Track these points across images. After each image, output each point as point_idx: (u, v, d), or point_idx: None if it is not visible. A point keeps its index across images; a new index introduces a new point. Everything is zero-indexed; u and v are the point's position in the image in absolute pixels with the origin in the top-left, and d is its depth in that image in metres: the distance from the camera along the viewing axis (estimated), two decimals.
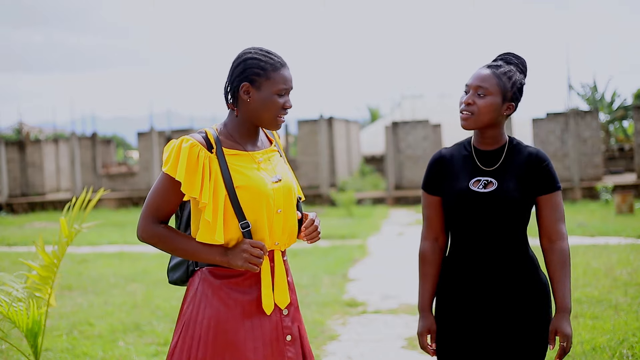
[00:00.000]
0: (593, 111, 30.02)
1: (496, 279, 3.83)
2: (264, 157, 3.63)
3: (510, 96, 3.84)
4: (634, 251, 13.58)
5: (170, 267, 3.79)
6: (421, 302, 4.04)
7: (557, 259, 3.83)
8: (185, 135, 3.75)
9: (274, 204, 3.53)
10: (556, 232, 3.85)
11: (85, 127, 38.82)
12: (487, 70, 3.86)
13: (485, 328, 3.85)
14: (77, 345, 8.23)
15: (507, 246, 3.84)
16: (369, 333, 8.63)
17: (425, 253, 4.05)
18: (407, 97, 49.29)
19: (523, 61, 3.96)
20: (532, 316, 3.84)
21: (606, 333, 7.60)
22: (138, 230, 3.58)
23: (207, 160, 3.46)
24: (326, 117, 33.07)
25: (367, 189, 33.31)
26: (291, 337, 3.57)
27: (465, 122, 3.86)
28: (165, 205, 3.53)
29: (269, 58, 3.55)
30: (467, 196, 3.85)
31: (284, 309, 3.57)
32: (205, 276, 3.53)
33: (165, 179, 3.50)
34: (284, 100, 3.56)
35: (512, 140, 3.93)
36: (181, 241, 3.51)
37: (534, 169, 3.84)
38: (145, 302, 10.67)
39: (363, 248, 16.65)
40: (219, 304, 3.47)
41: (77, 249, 17.87)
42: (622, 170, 33.92)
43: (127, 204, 32.86)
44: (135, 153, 51.25)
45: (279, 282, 3.58)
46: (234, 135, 3.60)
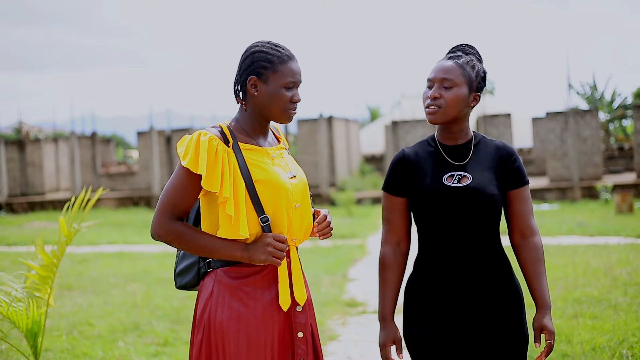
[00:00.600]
0: (593, 110, 30.03)
1: (470, 278, 3.66)
2: (276, 154, 3.61)
3: (475, 86, 3.72)
4: (634, 251, 13.57)
5: (178, 271, 3.70)
6: (382, 311, 3.85)
7: (532, 255, 3.71)
8: (186, 134, 3.76)
9: (293, 198, 3.51)
10: (528, 227, 3.73)
11: (85, 126, 38.84)
12: (449, 61, 3.72)
13: (460, 332, 3.67)
14: (77, 345, 8.23)
15: (482, 244, 3.68)
16: (369, 333, 8.62)
17: (386, 258, 3.84)
18: (407, 97, 49.23)
19: (477, 51, 3.83)
20: (508, 318, 3.69)
21: (606, 333, 7.60)
22: (153, 228, 3.46)
23: (225, 154, 3.41)
24: (326, 116, 33.07)
25: (367, 188, 33.29)
26: (303, 334, 3.53)
27: (433, 116, 3.70)
28: (183, 201, 3.44)
29: (276, 51, 3.52)
30: (442, 192, 3.66)
31: (299, 305, 3.54)
32: (220, 277, 3.47)
33: (183, 173, 3.41)
34: (291, 94, 3.52)
35: (476, 134, 3.82)
36: (201, 238, 3.42)
37: (503, 162, 3.72)
38: (145, 302, 10.67)
39: (363, 248, 16.65)
40: (239, 304, 3.43)
41: (77, 248, 17.87)
42: (621, 170, 33.92)
43: (126, 203, 32.85)
44: (135, 152, 51.26)
45: (297, 278, 3.54)
46: (247, 130, 3.57)
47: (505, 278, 3.71)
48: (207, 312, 3.46)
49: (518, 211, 3.73)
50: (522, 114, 37.94)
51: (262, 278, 3.48)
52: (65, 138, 38.52)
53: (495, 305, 3.67)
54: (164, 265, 14.45)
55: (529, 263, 3.71)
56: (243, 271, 3.46)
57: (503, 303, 3.69)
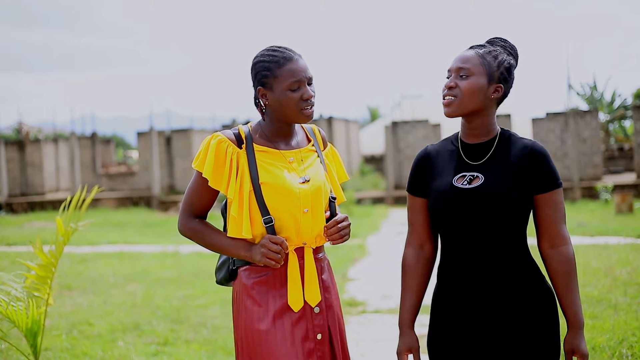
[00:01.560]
0: (593, 111, 30.04)
1: (492, 289, 3.40)
2: (295, 157, 3.62)
3: (497, 77, 3.45)
4: (634, 251, 13.57)
5: (217, 266, 3.83)
6: (401, 318, 3.68)
7: (563, 267, 3.40)
8: (186, 134, 3.79)
9: (301, 203, 3.52)
10: (559, 236, 3.41)
11: (84, 126, 38.87)
12: (469, 51, 3.50)
13: (485, 347, 3.42)
14: (77, 345, 8.22)
15: (502, 252, 3.39)
16: (369, 333, 8.62)
17: (407, 262, 3.67)
18: (407, 97, 49.24)
19: (512, 45, 3.57)
20: (538, 332, 3.41)
21: (606, 333, 7.59)
22: (178, 225, 3.66)
23: (235, 155, 3.51)
24: (326, 117, 33.10)
25: (367, 188, 33.31)
26: (322, 335, 3.55)
27: (449, 107, 3.46)
28: (198, 201, 3.61)
29: (273, 56, 3.53)
30: (450, 194, 3.45)
31: (314, 307, 3.56)
32: (240, 278, 3.59)
33: (196, 175, 3.58)
34: (300, 93, 3.51)
35: (504, 132, 3.52)
36: (213, 236, 3.58)
37: (530, 163, 3.38)
38: (145, 302, 10.67)
39: (363, 248, 16.65)
40: (252, 304, 3.51)
41: (77, 248, 17.87)
42: (621, 170, 33.92)
43: (126, 203, 32.85)
44: (135, 153, 51.23)
45: (309, 279, 3.55)
46: (267, 133, 3.62)
47: (533, 287, 3.43)
48: (235, 312, 3.62)
49: (546, 217, 3.42)
50: (522, 115, 37.90)
51: (275, 278, 3.53)
52: (65, 138, 38.50)
53: (521, 317, 3.40)
54: (164, 265, 14.45)
55: (560, 276, 3.41)
56: (258, 271, 3.55)
57: (530, 314, 3.41)
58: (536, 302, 3.42)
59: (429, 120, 32.20)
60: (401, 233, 19.66)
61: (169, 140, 33.95)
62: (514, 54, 3.57)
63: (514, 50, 3.57)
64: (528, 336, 3.39)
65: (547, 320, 3.45)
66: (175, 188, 33.90)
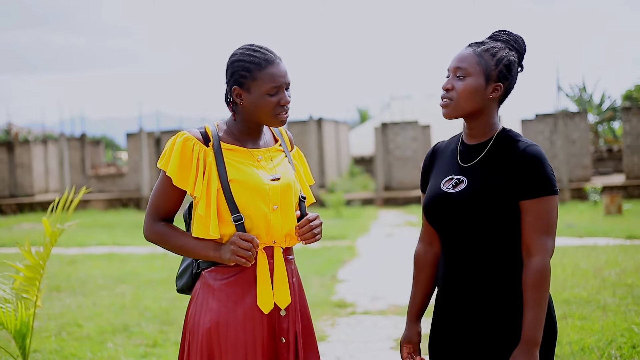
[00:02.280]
0: (582, 112, 30.18)
1: (478, 295, 3.29)
2: (264, 156, 3.53)
3: (495, 76, 3.31)
4: (623, 252, 13.61)
5: (178, 274, 3.68)
6: (408, 310, 3.64)
7: (531, 279, 3.17)
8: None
9: (271, 200, 3.43)
10: (535, 245, 3.20)
11: (74, 127, 38.82)
12: (467, 49, 3.37)
13: (473, 354, 3.31)
14: (66, 346, 8.21)
15: (489, 257, 3.27)
16: (358, 334, 8.63)
17: (417, 257, 3.61)
18: (396, 98, 49.34)
19: (517, 38, 3.41)
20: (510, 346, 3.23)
21: (594, 334, 7.61)
22: (143, 230, 3.53)
23: (201, 153, 3.41)
24: (315, 118, 33.11)
25: (356, 189, 33.32)
26: (285, 339, 3.43)
27: (445, 109, 3.35)
28: (164, 202, 3.49)
29: (254, 57, 3.43)
30: (435, 197, 3.38)
31: (282, 310, 3.45)
32: (205, 280, 3.45)
33: (161, 175, 3.47)
34: (278, 98, 3.43)
35: (503, 133, 3.36)
36: (179, 238, 3.45)
37: (519, 167, 3.21)
38: (134, 303, 10.65)
39: (352, 249, 16.65)
40: (219, 306, 3.38)
41: (66, 250, 17.84)
42: (610, 171, 34.01)
43: (116, 205, 32.80)
44: (124, 154, 51.18)
45: (279, 280, 3.44)
46: (235, 132, 3.53)
47: (518, 304, 3.24)
48: (191, 316, 3.46)
49: (525, 225, 3.22)
50: (511, 116, 37.89)
51: (243, 279, 3.41)
52: (55, 139, 38.45)
53: (505, 326, 3.26)
54: (153, 266, 14.43)
55: (526, 287, 3.18)
56: (225, 272, 3.42)
57: (515, 323, 3.24)
58: (519, 311, 3.24)
59: (419, 122, 32.24)
60: (391, 235, 19.69)
61: (158, 142, 33.90)
62: (518, 47, 3.40)
63: (518, 43, 3.40)
64: (510, 345, 3.23)
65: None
66: None
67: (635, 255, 12.96)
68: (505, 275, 3.27)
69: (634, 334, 7.39)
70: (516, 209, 3.24)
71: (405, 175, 31.26)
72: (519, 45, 3.40)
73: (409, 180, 31.29)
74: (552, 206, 3.22)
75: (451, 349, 3.39)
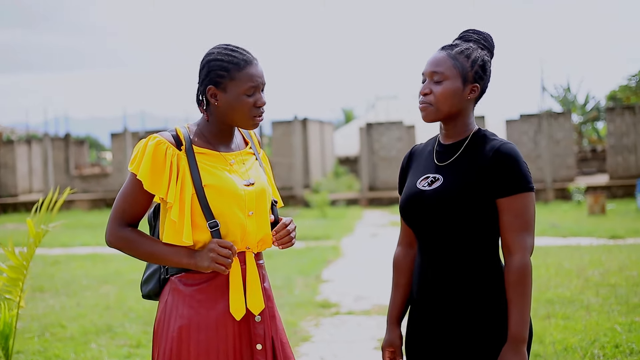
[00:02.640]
0: (566, 113, 30.34)
1: (452, 294, 3.28)
2: (236, 160, 3.45)
3: (471, 77, 3.32)
4: (606, 252, 13.66)
5: (143, 279, 3.58)
6: (388, 314, 3.61)
7: (512, 277, 3.17)
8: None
9: (246, 205, 3.35)
10: (514, 243, 3.19)
11: (58, 127, 38.68)
12: (441, 52, 3.36)
13: (447, 353, 3.31)
14: (49, 347, 8.18)
15: (465, 256, 3.27)
16: (342, 334, 8.63)
17: (396, 259, 3.59)
18: (382, 98, 49.37)
19: (486, 36, 3.42)
20: (498, 341, 3.23)
21: (578, 333, 7.63)
22: (106, 235, 3.40)
23: (174, 158, 3.30)
24: (300, 119, 33.10)
25: (341, 190, 33.34)
26: (262, 346, 3.36)
27: (425, 113, 3.35)
28: (132, 207, 3.37)
29: (232, 57, 3.37)
30: (411, 195, 3.37)
31: (256, 316, 3.36)
32: (175, 285, 3.36)
33: (131, 178, 3.35)
34: (254, 99, 3.36)
35: (478, 132, 3.37)
36: (148, 244, 3.33)
37: (494, 165, 3.22)
38: (118, 304, 10.63)
39: (337, 249, 16.67)
40: (191, 313, 3.30)
41: (49, 250, 17.78)
42: (594, 172, 34.19)
43: (100, 205, 32.74)
44: (109, 154, 51.07)
45: (252, 286, 3.36)
46: (207, 135, 3.43)
47: (495, 295, 3.25)
48: (161, 322, 3.39)
49: (504, 223, 3.22)
50: (495, 117, 38.00)
51: (216, 286, 3.33)
52: (39, 139, 38.33)
53: (479, 325, 3.25)
54: (137, 267, 14.39)
55: (508, 285, 3.19)
56: (196, 278, 3.34)
57: (489, 323, 3.25)
58: (497, 311, 3.25)
59: (404, 122, 32.30)
60: (375, 235, 19.71)
61: None
62: (488, 46, 3.42)
63: (487, 42, 3.43)
64: (488, 346, 3.24)
65: (498, 340, 3.24)
66: None
67: (618, 255, 13.01)
68: (482, 274, 3.27)
69: (616, 334, 7.43)
70: (493, 207, 3.24)
71: (390, 175, 31.29)
72: (489, 44, 3.42)
73: (394, 181, 31.31)
74: (529, 203, 3.23)
75: (429, 350, 3.37)
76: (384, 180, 31.48)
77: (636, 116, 29.19)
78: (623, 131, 29.26)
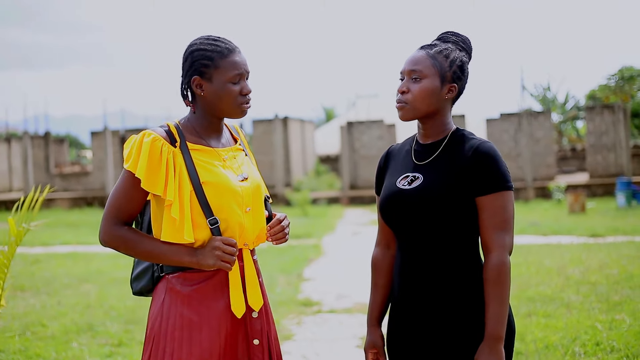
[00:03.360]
0: (546, 112, 30.47)
1: (432, 293, 3.29)
2: (229, 155, 3.44)
3: (450, 77, 3.33)
4: (586, 250, 13.73)
5: (134, 276, 3.52)
6: (368, 315, 3.60)
7: (489, 274, 3.17)
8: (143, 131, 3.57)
9: (243, 202, 3.35)
10: (493, 241, 3.19)
11: (38, 126, 38.49)
12: (420, 51, 3.37)
13: (427, 352, 3.31)
14: (30, 346, 8.14)
15: (445, 255, 3.27)
16: (324, 332, 8.63)
17: (374, 260, 3.59)
18: (362, 97, 49.37)
19: (464, 39, 3.45)
20: (477, 339, 3.23)
21: (559, 331, 7.66)
22: (100, 234, 3.34)
23: (170, 155, 3.28)
24: (281, 117, 33.12)
25: (322, 188, 33.36)
26: (259, 341, 3.37)
27: (402, 112, 3.35)
28: (128, 205, 3.31)
29: (215, 46, 3.36)
30: (391, 194, 3.38)
31: (254, 312, 3.37)
32: (172, 285, 3.31)
33: (126, 176, 3.29)
34: (239, 87, 3.35)
35: (457, 132, 3.39)
36: (146, 243, 3.28)
37: (472, 163, 3.23)
38: (99, 303, 10.59)
39: (318, 248, 16.68)
40: (191, 313, 3.28)
41: (30, 249, 17.71)
42: (574, 170, 34.37)
43: (80, 203, 32.63)
44: (89, 152, 50.90)
45: (251, 282, 3.37)
46: (198, 130, 3.41)
47: (475, 294, 3.26)
48: (158, 322, 3.33)
49: (483, 221, 3.22)
50: (475, 115, 38.12)
51: (214, 284, 3.31)
52: (18, 138, 38.19)
53: (460, 324, 3.26)
54: (118, 265, 14.36)
55: (486, 283, 3.20)
56: (194, 277, 3.31)
57: (469, 322, 3.26)
58: (478, 309, 3.25)
59: (384, 120, 32.34)
60: (357, 233, 19.73)
61: (123, 140, 33.74)
62: (466, 48, 3.44)
63: (466, 44, 3.45)
64: (469, 344, 3.24)
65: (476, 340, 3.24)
66: None
67: (598, 254, 13.08)
68: (463, 272, 3.27)
69: (597, 332, 7.46)
70: (472, 205, 3.25)
71: (371, 174, 31.30)
72: (467, 46, 3.44)
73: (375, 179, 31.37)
74: (508, 201, 3.24)
75: (412, 348, 3.37)
76: (365, 179, 31.51)
77: (615, 115, 29.36)
78: (602, 130, 29.42)
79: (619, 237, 15.93)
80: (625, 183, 23.55)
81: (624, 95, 35.76)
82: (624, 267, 11.29)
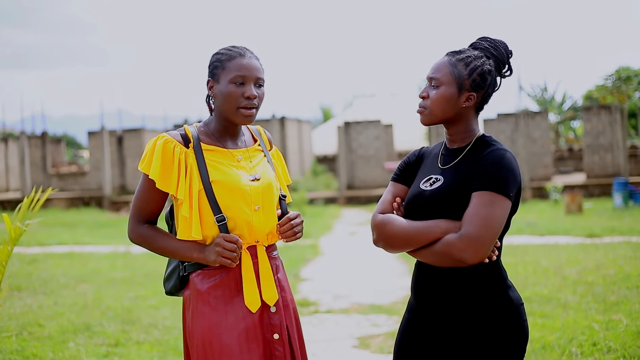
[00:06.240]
0: (543, 112, 30.47)
1: (449, 294, 3.34)
2: (243, 156, 3.59)
3: (468, 85, 3.37)
4: (583, 250, 13.72)
5: (165, 277, 3.72)
6: None
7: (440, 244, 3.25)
8: (138, 134, 3.70)
9: (252, 200, 3.48)
10: (462, 228, 3.21)
11: (35, 126, 38.44)
12: (443, 58, 3.44)
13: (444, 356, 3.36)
14: (27, 346, 8.13)
15: None
16: (321, 333, 8.63)
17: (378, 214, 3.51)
18: (360, 97, 49.44)
19: (498, 44, 3.47)
20: (496, 345, 3.29)
21: (555, 331, 7.66)
22: (128, 232, 3.58)
23: (182, 155, 3.45)
24: (278, 117, 33.11)
25: (319, 188, 33.34)
26: (279, 335, 3.49)
27: (421, 116, 3.47)
28: (147, 205, 3.54)
29: (228, 50, 3.53)
30: (414, 194, 3.45)
31: (272, 306, 3.50)
32: (193, 284, 3.50)
33: (143, 178, 3.50)
34: (242, 90, 3.46)
35: (481, 138, 3.44)
36: (162, 240, 3.51)
37: (481, 165, 3.28)
38: (96, 303, 10.58)
39: (315, 248, 16.67)
40: (209, 310, 3.44)
41: (27, 249, 17.67)
42: (571, 170, 34.37)
43: (77, 203, 32.59)
44: (86, 152, 50.86)
45: (265, 278, 3.50)
46: (214, 132, 3.58)
47: (492, 296, 3.32)
48: (187, 324, 3.55)
49: (464, 215, 3.24)
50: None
51: (229, 280, 3.47)
52: (15, 138, 38.15)
53: (476, 327, 3.31)
54: (115, 265, 14.35)
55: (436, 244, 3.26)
56: (211, 275, 3.48)
57: (485, 325, 3.30)
58: (493, 313, 3.30)
59: (381, 121, 32.34)
60: (354, 233, 19.73)
61: (120, 140, 33.75)
62: (497, 54, 3.45)
63: (498, 50, 3.46)
64: (485, 348, 3.29)
65: (505, 332, 3.31)
66: (126, 188, 33.72)
67: (595, 254, 13.08)
68: (480, 275, 3.31)
69: (594, 332, 7.46)
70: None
71: (368, 174, 31.34)
72: (499, 52, 3.46)
73: (372, 179, 31.38)
74: (495, 203, 3.21)
75: (426, 351, 3.42)
76: (362, 179, 31.52)
77: (612, 115, 29.38)
78: (599, 130, 29.43)
79: (615, 238, 15.92)
80: (622, 183, 23.54)
81: (621, 96, 35.78)
82: (620, 268, 11.29)
